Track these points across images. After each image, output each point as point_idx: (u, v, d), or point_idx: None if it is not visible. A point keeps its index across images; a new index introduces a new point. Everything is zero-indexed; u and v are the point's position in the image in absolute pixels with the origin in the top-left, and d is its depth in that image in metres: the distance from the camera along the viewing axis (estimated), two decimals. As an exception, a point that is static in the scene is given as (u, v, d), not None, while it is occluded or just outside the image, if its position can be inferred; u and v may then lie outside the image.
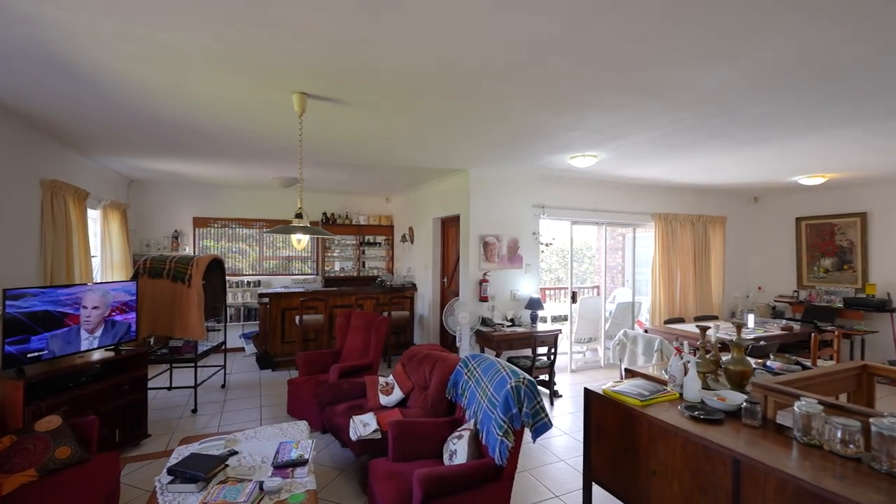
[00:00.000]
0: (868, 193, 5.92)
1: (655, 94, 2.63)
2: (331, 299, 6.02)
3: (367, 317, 4.40)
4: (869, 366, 2.65)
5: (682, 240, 6.32)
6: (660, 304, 6.13)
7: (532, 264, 5.34)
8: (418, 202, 6.60)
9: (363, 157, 4.47)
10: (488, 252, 5.03)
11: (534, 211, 5.35)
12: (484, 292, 4.92)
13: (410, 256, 6.97)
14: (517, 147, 3.94)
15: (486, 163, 4.62)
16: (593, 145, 3.84)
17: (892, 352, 5.52)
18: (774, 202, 6.95)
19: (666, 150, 3.94)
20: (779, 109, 2.87)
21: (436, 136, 3.60)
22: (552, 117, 3.08)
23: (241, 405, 4.49)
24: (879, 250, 5.83)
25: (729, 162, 4.48)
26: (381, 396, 3.36)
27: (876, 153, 4.07)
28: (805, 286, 6.56)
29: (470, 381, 2.64)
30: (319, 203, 7.34)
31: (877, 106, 2.82)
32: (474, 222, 5.00)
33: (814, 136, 3.51)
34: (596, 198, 5.80)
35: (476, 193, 5.00)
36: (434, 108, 2.92)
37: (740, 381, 2.51)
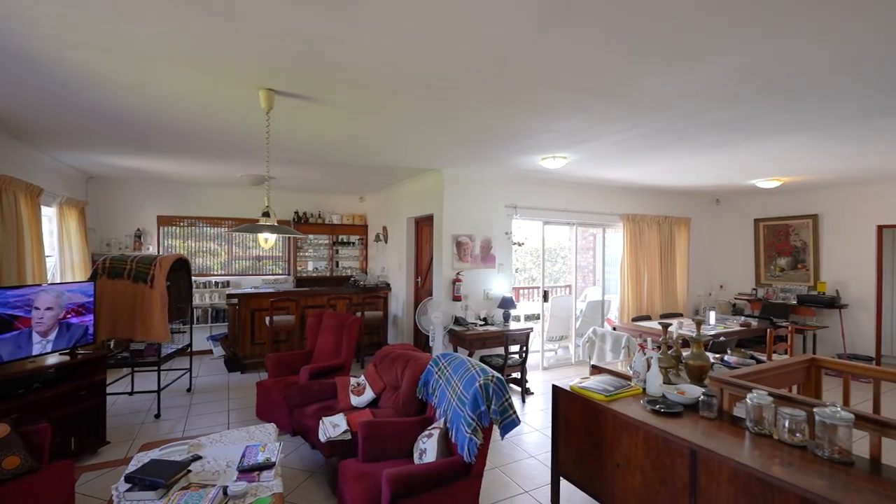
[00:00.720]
0: (819, 196, 6.26)
1: (620, 99, 2.71)
2: (302, 300, 5.92)
3: (338, 317, 4.35)
4: (817, 359, 2.82)
5: (649, 240, 6.52)
6: (628, 302, 6.31)
7: (505, 264, 5.40)
8: (392, 201, 6.57)
9: (335, 156, 4.42)
10: (461, 252, 5.06)
11: (507, 211, 5.41)
12: (457, 292, 4.94)
13: (384, 256, 6.93)
14: (490, 148, 3.98)
15: (460, 163, 4.65)
16: (563, 147, 3.91)
17: (841, 346, 5.86)
18: (735, 204, 7.27)
19: (632, 152, 4.07)
20: (734, 116, 3.01)
21: (407, 135, 3.60)
22: (523, 119, 3.13)
23: (207, 409, 4.36)
24: (829, 250, 6.19)
25: (692, 165, 4.65)
26: (352, 397, 3.33)
27: (826, 158, 4.31)
28: (763, 284, 6.89)
29: (440, 380, 2.66)
30: (291, 201, 7.20)
31: (823, 115, 2.99)
32: (448, 222, 5.02)
33: (769, 142, 3.69)
34: (567, 199, 5.91)
35: (450, 193, 5.02)
36: (404, 108, 2.92)
37: (699, 376, 2.62)
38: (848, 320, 5.91)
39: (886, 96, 2.66)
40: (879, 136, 3.50)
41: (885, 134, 3.45)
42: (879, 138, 3.58)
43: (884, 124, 3.21)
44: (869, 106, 2.83)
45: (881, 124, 3.21)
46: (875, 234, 5.76)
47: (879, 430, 1.73)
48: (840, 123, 3.19)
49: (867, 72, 2.30)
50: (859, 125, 3.23)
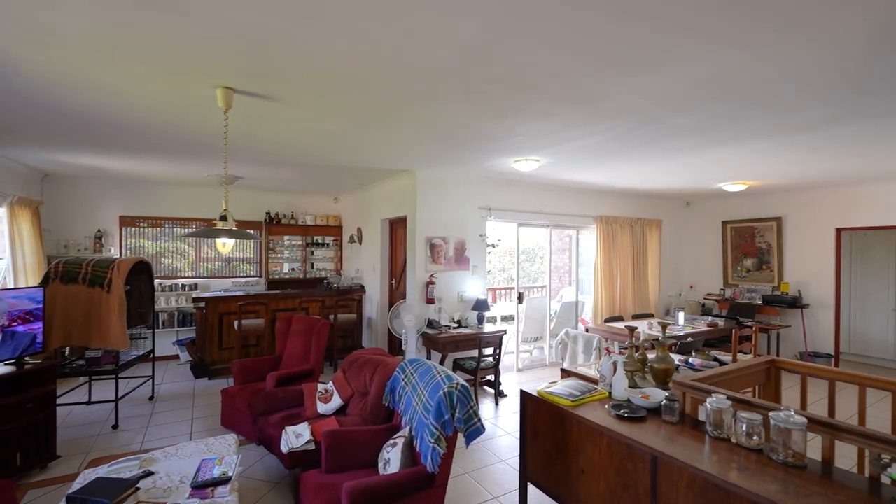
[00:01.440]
0: (783, 200, 6.47)
1: (586, 103, 2.71)
2: (273, 303, 5.77)
3: (307, 321, 4.24)
4: (776, 361, 2.89)
5: (621, 241, 6.62)
6: (601, 303, 6.38)
7: (479, 266, 5.39)
8: (367, 202, 6.48)
9: (302, 156, 4.31)
10: (435, 254, 5.02)
11: (480, 213, 5.39)
12: (430, 294, 4.90)
13: (359, 258, 6.83)
14: (461, 150, 3.95)
15: (433, 164, 4.60)
16: (534, 150, 3.91)
17: (803, 344, 6.07)
18: (704, 206, 7.45)
19: (602, 156, 4.10)
20: (697, 122, 3.06)
21: (373, 136, 3.53)
22: (490, 122, 3.11)
23: (170, 418, 4.20)
24: (792, 251, 6.40)
25: (661, 168, 4.73)
26: (318, 404, 3.25)
27: (786, 164, 4.44)
28: (730, 284, 7.08)
29: (407, 387, 2.61)
30: (262, 202, 7.02)
31: (778, 124, 3.07)
32: (421, 224, 4.96)
33: (730, 148, 3.77)
34: (541, 200, 5.94)
35: (423, 195, 4.97)
36: (367, 109, 2.85)
37: (664, 379, 2.65)
38: (809, 319, 6.13)
39: (835, 106, 2.74)
40: (833, 143, 3.62)
41: (838, 141, 3.57)
42: (834, 145, 3.70)
43: (836, 133, 3.32)
44: (821, 115, 2.91)
45: (834, 133, 3.32)
46: (834, 236, 5.98)
47: (831, 434, 1.77)
48: (795, 132, 3.29)
49: (816, 83, 2.36)
50: (813, 133, 3.33)
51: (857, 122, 3.08)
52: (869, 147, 3.76)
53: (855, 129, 3.23)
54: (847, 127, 3.18)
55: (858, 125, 3.14)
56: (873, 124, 3.12)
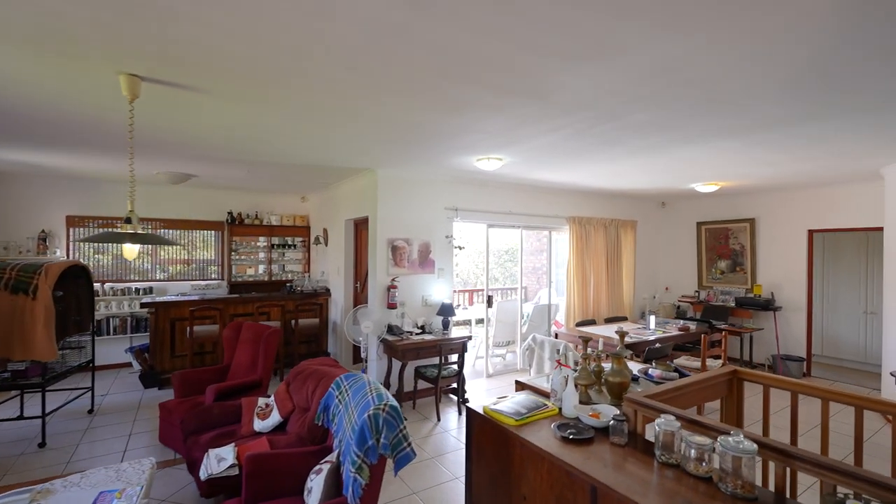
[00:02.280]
0: (756, 201, 6.40)
1: (535, 97, 2.52)
2: (229, 307, 5.49)
3: (256, 328, 3.99)
4: (738, 371, 2.73)
5: (595, 242, 6.48)
6: (574, 305, 6.23)
7: (445, 268, 5.18)
8: (332, 202, 6.23)
9: (249, 153, 4.04)
10: (397, 256, 4.80)
11: (447, 213, 5.19)
12: (392, 299, 4.68)
13: (325, 260, 6.57)
14: (419, 148, 3.74)
15: (394, 163, 4.38)
16: (495, 148, 3.72)
17: (775, 347, 6.00)
18: (679, 207, 7.36)
19: (566, 154, 3.93)
20: (656, 118, 2.89)
21: (312, 130, 3.27)
22: (440, 117, 2.90)
23: (107, 433, 3.90)
24: (765, 253, 6.34)
25: (631, 168, 4.58)
26: (255, 421, 3.00)
27: (757, 164, 4.33)
28: (704, 286, 7.00)
29: (340, 406, 2.39)
30: (224, 201, 6.71)
31: (743, 120, 2.92)
32: (382, 225, 4.74)
33: (699, 146, 3.63)
34: (511, 201, 5.76)
35: (384, 194, 4.75)
36: (295, 100, 2.61)
37: (620, 393, 2.47)
38: (782, 322, 6.06)
39: (799, 103, 2.60)
40: (801, 143, 3.50)
41: (806, 141, 3.45)
42: (802, 145, 3.58)
43: (801, 132, 3.19)
44: (784, 113, 2.77)
45: (799, 131, 3.19)
46: (806, 238, 5.92)
47: (784, 461, 1.60)
48: (760, 130, 3.15)
49: (776, 75, 2.21)
50: (778, 132, 3.20)
51: (823, 121, 2.95)
52: (838, 147, 3.65)
53: (821, 127, 3.10)
54: (812, 125, 3.05)
55: (825, 123, 3.02)
56: (839, 122, 3.00)
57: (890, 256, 4.58)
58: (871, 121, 2.95)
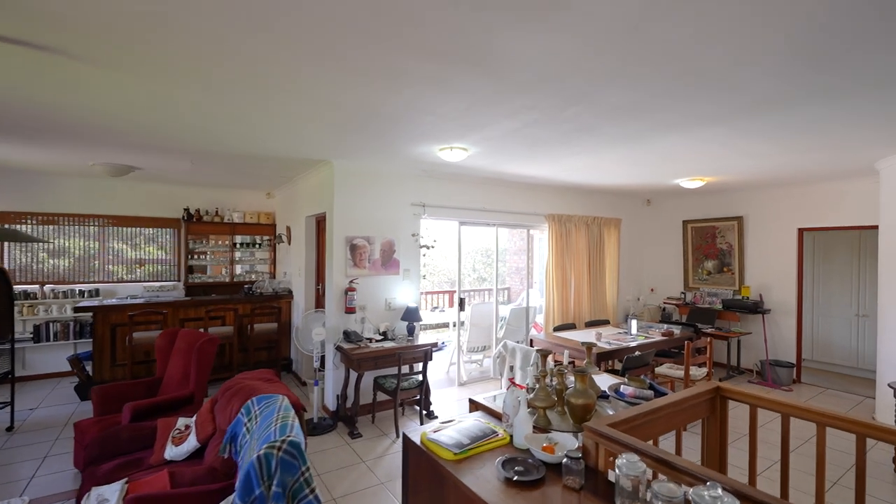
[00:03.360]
0: (744, 198, 6.09)
1: (481, 68, 2.14)
2: (178, 311, 5.05)
3: (191, 336, 3.56)
4: (721, 388, 2.37)
5: (576, 242, 6.12)
6: (553, 309, 5.88)
7: (412, 269, 4.79)
8: (294, 198, 5.81)
9: (175, 139, 3.58)
10: (357, 256, 4.39)
11: (413, 210, 4.80)
12: (350, 302, 4.27)
13: (288, 260, 6.15)
14: (369, 134, 3.34)
15: (351, 153, 3.98)
16: (454, 136, 3.34)
17: (764, 352, 5.69)
18: (665, 205, 7.04)
19: (536, 145, 3.55)
20: (632, 99, 2.53)
21: (236, 112, 2.86)
22: (378, 94, 2.51)
23: (19, 456, 3.46)
24: (754, 253, 6.03)
25: (610, 162, 4.22)
26: (168, 447, 2.59)
27: (744, 157, 3.99)
28: (690, 288, 6.68)
29: (247, 435, 1.98)
30: (180, 197, 6.26)
31: (731, 100, 2.56)
32: (340, 222, 4.33)
33: (680, 136, 3.28)
34: (485, 197, 5.39)
35: (342, 188, 4.34)
36: (201, 70, 2.21)
37: (583, 417, 2.10)
38: (771, 325, 5.75)
39: (792, 80, 2.25)
40: (790, 132, 3.16)
41: (794, 129, 3.11)
42: (790, 135, 3.25)
43: (790, 117, 2.85)
44: (770, 92, 2.42)
45: (788, 117, 2.84)
46: (796, 237, 5.62)
47: (775, 522, 1.23)
48: (745, 115, 2.80)
49: (760, 48, 1.85)
50: (766, 118, 2.86)
51: (816, 104, 2.61)
52: (831, 136, 3.32)
53: (814, 113, 2.76)
54: (805, 109, 2.71)
55: (818, 107, 2.68)
56: (835, 105, 2.66)
57: (885, 256, 4.27)
58: (869, 104, 2.61)
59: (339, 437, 3.86)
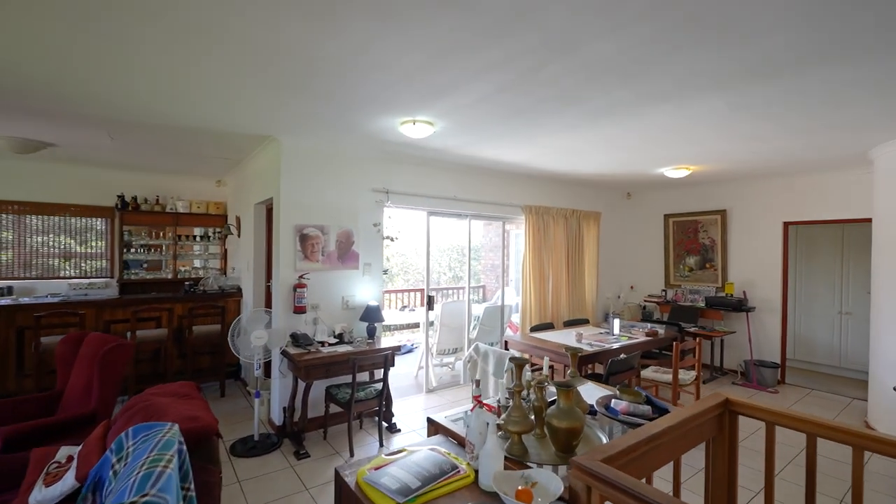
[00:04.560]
0: (728, 191, 5.83)
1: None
2: (102, 312, 4.38)
3: (98, 341, 2.95)
4: (732, 402, 1.97)
5: (554, 236, 5.73)
6: (531, 307, 5.46)
7: (373, 263, 4.27)
8: (243, 184, 5.19)
9: (80, 103, 2.98)
10: (308, 248, 3.84)
11: (375, 197, 4.27)
12: (299, 301, 3.72)
13: (238, 253, 5.52)
14: (314, 99, 2.81)
15: (299, 128, 3.43)
16: (418, 103, 2.84)
17: (748, 351, 5.43)
18: (646, 198, 6.74)
19: (513, 117, 3.10)
20: (624, 49, 2.09)
21: (132, 56, 2.29)
22: (319, 35, 1.99)
23: None
24: (737, 248, 5.77)
25: (594, 143, 3.82)
26: (37, 488, 2.00)
27: (735, 140, 3.66)
28: (672, 285, 6.39)
29: (113, 483, 1.44)
30: (114, 182, 5.53)
31: (741, 58, 2.16)
32: (288, 208, 3.77)
33: (675, 108, 2.88)
34: (456, 185, 4.91)
35: (291, 170, 3.78)
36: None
37: (569, 444, 1.65)
38: (755, 324, 5.50)
39: (814, 35, 1.85)
40: (794, 105, 2.81)
41: (802, 100, 2.75)
42: (796, 108, 2.90)
43: (805, 83, 2.48)
44: (786, 48, 2.03)
45: (803, 82, 2.48)
46: (781, 231, 5.38)
47: None
48: (755, 79, 2.42)
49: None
50: (778, 83, 2.48)
51: (830, 64, 2.24)
52: (841, 112, 2.99)
53: (827, 76, 2.40)
54: (815, 72, 2.34)
55: (833, 69, 2.31)
56: (855, 68, 2.29)
57: (879, 251, 4.02)
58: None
59: (284, 457, 3.31)
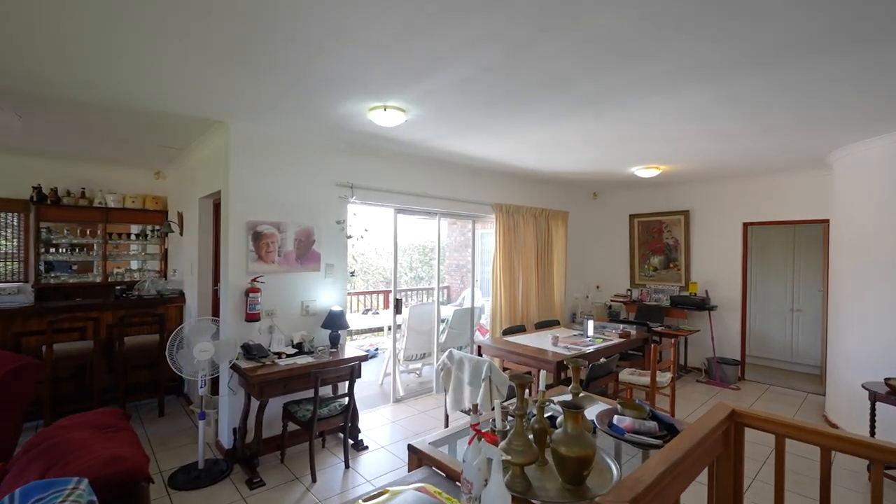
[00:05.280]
0: (691, 191, 5.93)
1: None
2: (7, 324, 3.72)
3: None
4: (738, 413, 1.82)
5: (525, 235, 5.58)
6: (501, 309, 5.27)
7: (337, 264, 3.90)
8: (187, 176, 4.64)
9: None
10: (263, 247, 3.43)
11: (339, 192, 3.91)
12: (252, 307, 3.30)
13: (181, 254, 4.94)
14: (273, 73, 2.44)
15: (254, 111, 3.03)
16: (389, 86, 2.54)
17: (711, 349, 5.53)
18: (611, 198, 6.76)
19: (493, 104, 2.86)
20: (617, 27, 1.91)
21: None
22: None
23: None
24: (700, 248, 5.88)
25: (572, 137, 3.66)
26: None
27: (712, 139, 3.63)
28: (637, 284, 6.44)
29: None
30: (30, 171, 4.78)
31: (752, 41, 2.04)
32: (239, 203, 3.34)
33: (660, 100, 2.76)
34: (426, 181, 4.63)
35: (242, 159, 3.35)
36: None
37: (578, 475, 1.42)
38: (717, 322, 5.61)
39: (832, 14, 1.75)
40: (774, 101, 2.77)
41: (789, 93, 2.71)
42: (776, 104, 2.86)
43: (805, 71, 2.42)
44: (800, 30, 1.92)
45: (803, 71, 2.41)
46: (741, 231, 5.51)
47: None
48: (745, 66, 2.32)
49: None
50: (771, 71, 2.40)
51: (854, 49, 2.17)
52: (820, 110, 2.99)
53: (836, 66, 2.34)
54: (834, 57, 2.27)
55: (856, 54, 2.24)
56: (876, 54, 2.24)
57: (837, 251, 4.15)
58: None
59: (234, 487, 2.89)
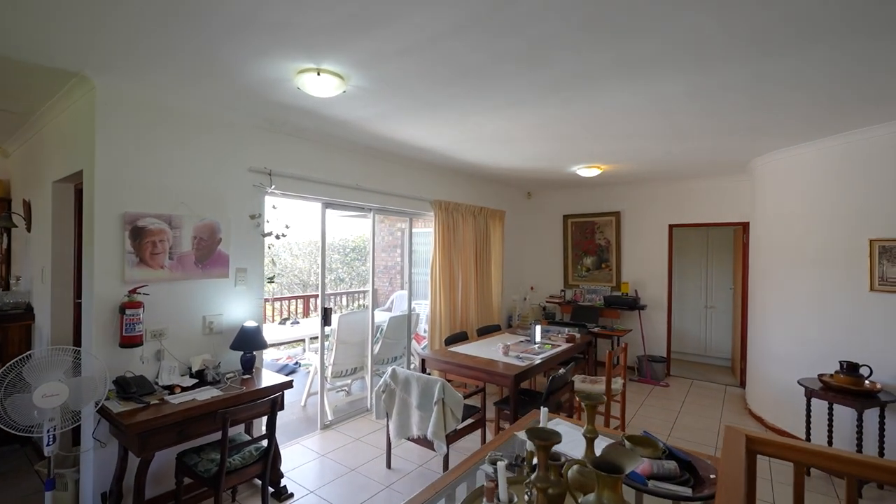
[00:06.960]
0: (621, 193, 6.04)
1: None
2: None
3: None
4: (752, 440, 1.59)
5: (464, 234, 5.22)
6: (441, 315, 4.85)
7: (251, 269, 3.16)
8: (37, 153, 3.51)
9: None
10: (147, 247, 2.60)
11: (254, 179, 3.18)
12: (130, 329, 2.47)
13: (28, 256, 3.76)
14: (162, 7, 1.73)
15: (135, 65, 2.23)
16: (327, 40, 1.97)
17: (641, 348, 5.66)
18: (546, 199, 6.70)
19: (452, 79, 2.42)
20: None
21: None
22: None
23: None
24: (630, 249, 6.01)
25: (529, 126, 3.33)
26: None
27: (662, 137, 3.56)
28: (570, 285, 6.45)
29: None
30: None
31: (751, 21, 1.83)
32: (111, 188, 2.49)
33: (635, 88, 2.53)
34: (360, 171, 4.04)
35: (115, 130, 2.50)
36: None
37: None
38: (646, 321, 5.77)
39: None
40: (760, 85, 2.70)
41: (768, 84, 2.65)
42: (738, 99, 2.80)
43: (795, 59, 2.32)
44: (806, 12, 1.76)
45: (788, 60, 2.31)
46: (667, 233, 5.72)
47: None
48: (740, 54, 2.16)
49: None
50: (761, 60, 2.27)
51: (854, 39, 2.06)
52: (787, 108, 2.99)
53: (831, 56, 2.25)
54: (832, 46, 2.17)
55: (851, 43, 2.15)
56: (874, 45, 2.16)
57: (757, 252, 4.39)
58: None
59: (101, 578, 2.09)
